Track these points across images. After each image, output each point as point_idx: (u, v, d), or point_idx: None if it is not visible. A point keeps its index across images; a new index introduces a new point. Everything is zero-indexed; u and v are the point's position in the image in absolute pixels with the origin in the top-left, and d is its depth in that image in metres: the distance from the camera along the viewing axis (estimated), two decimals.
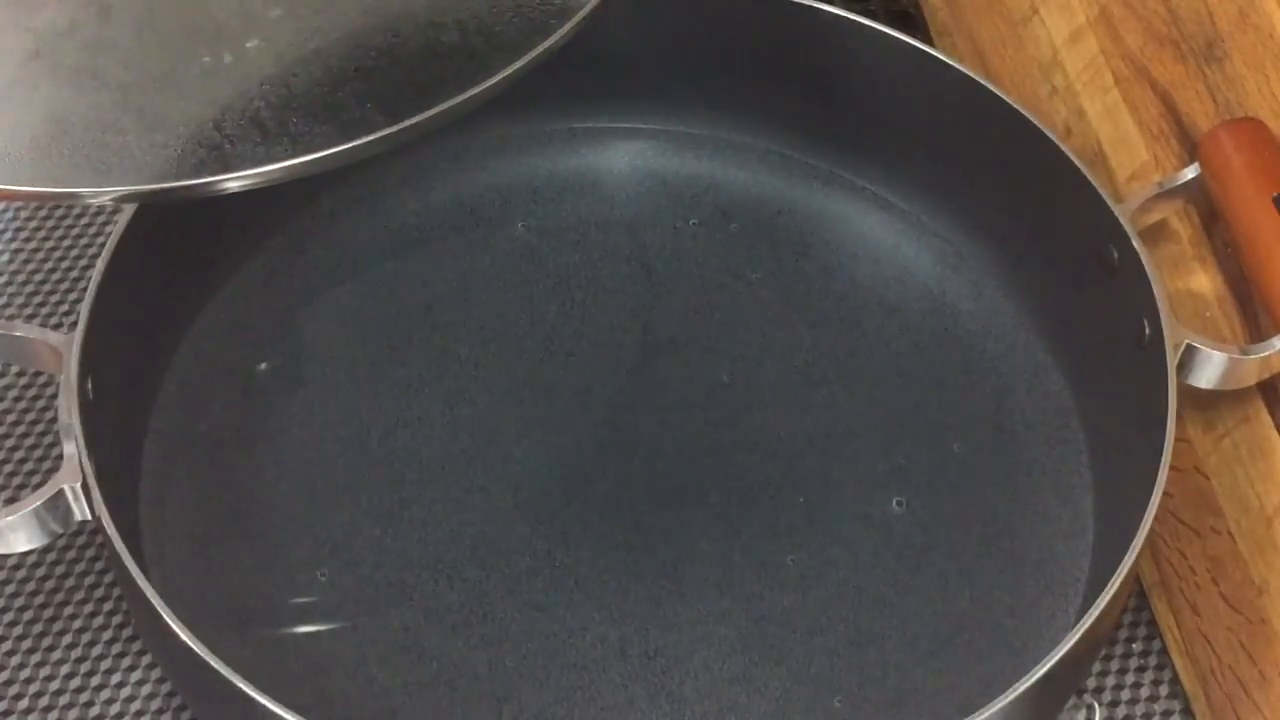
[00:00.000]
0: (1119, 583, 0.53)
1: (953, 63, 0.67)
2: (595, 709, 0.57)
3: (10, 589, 0.63)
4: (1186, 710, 0.61)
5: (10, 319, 0.70)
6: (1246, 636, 0.58)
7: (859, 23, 0.68)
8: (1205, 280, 0.63)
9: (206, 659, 0.49)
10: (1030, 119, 0.64)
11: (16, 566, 0.63)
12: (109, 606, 0.62)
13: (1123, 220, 0.60)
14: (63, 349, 0.56)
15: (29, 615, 0.62)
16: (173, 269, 0.64)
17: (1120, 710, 0.61)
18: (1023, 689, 0.50)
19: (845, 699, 0.57)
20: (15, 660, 0.61)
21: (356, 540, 0.60)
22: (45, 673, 0.60)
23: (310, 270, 0.69)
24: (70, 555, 0.63)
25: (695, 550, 0.61)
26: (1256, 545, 0.58)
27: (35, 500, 0.53)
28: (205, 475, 0.62)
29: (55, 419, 0.64)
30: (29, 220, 0.74)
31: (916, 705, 0.57)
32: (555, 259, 0.69)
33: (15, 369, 0.68)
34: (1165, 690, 0.61)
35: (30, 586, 0.63)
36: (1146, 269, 0.59)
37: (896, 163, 0.71)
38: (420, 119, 0.53)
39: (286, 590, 0.59)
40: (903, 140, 0.70)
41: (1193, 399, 0.61)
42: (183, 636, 0.50)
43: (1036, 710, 0.52)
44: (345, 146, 0.52)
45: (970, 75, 0.66)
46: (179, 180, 0.52)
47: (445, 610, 0.59)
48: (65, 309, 0.71)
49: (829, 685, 0.58)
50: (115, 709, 0.60)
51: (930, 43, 0.73)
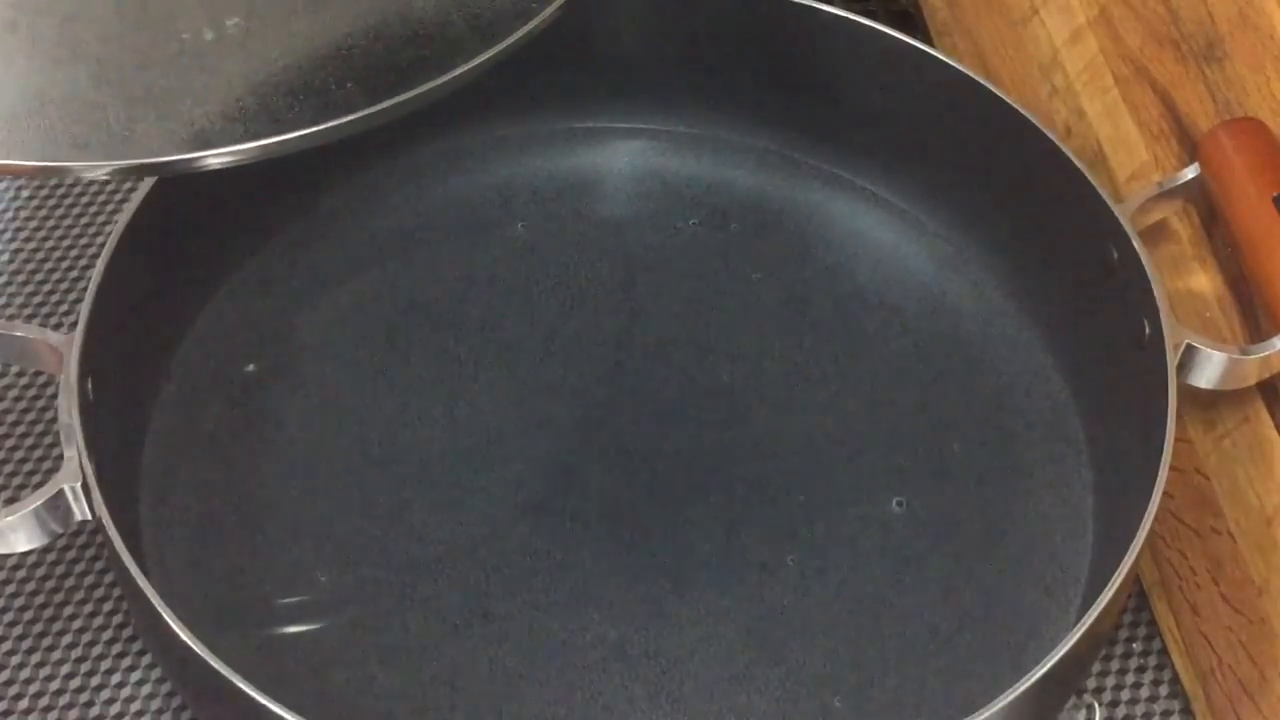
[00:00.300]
0: (1119, 583, 0.53)
1: (953, 63, 0.67)
2: (595, 709, 0.57)
3: (10, 589, 0.63)
4: (1186, 710, 0.61)
5: (10, 319, 0.70)
6: (1246, 636, 0.58)
7: (859, 23, 0.68)
8: (1205, 280, 0.63)
9: (206, 659, 0.49)
10: (1030, 119, 0.64)
11: (16, 566, 0.63)
12: (109, 606, 0.62)
13: (1123, 220, 0.60)
14: (63, 349, 0.56)
15: (29, 615, 0.62)
16: (173, 269, 0.64)
17: (1120, 710, 0.61)
18: (1023, 689, 0.50)
19: (845, 699, 0.57)
20: (15, 660, 0.61)
21: (356, 540, 0.60)
22: (45, 673, 0.60)
23: (310, 270, 0.68)
24: (70, 555, 0.63)
25: (695, 550, 0.61)
26: (1256, 545, 0.58)
27: (35, 500, 0.53)
28: (205, 475, 0.62)
29: (55, 419, 0.64)
30: (29, 220, 0.74)
31: (916, 705, 0.57)
32: (555, 259, 0.69)
33: (15, 369, 0.68)
34: (1165, 690, 0.61)
35: (30, 586, 0.63)
36: (1146, 269, 0.59)
37: (896, 163, 0.71)
38: (400, 99, 0.52)
39: (286, 590, 0.59)
40: (903, 140, 0.70)
41: (1193, 399, 0.61)
42: (183, 636, 0.50)
43: (1036, 710, 0.52)
44: (324, 126, 0.52)
45: (970, 75, 0.66)
46: (156, 157, 0.51)
47: (445, 610, 0.59)
48: (65, 309, 0.71)
49: (829, 685, 0.58)
50: (115, 709, 0.60)
51: (930, 43, 0.73)
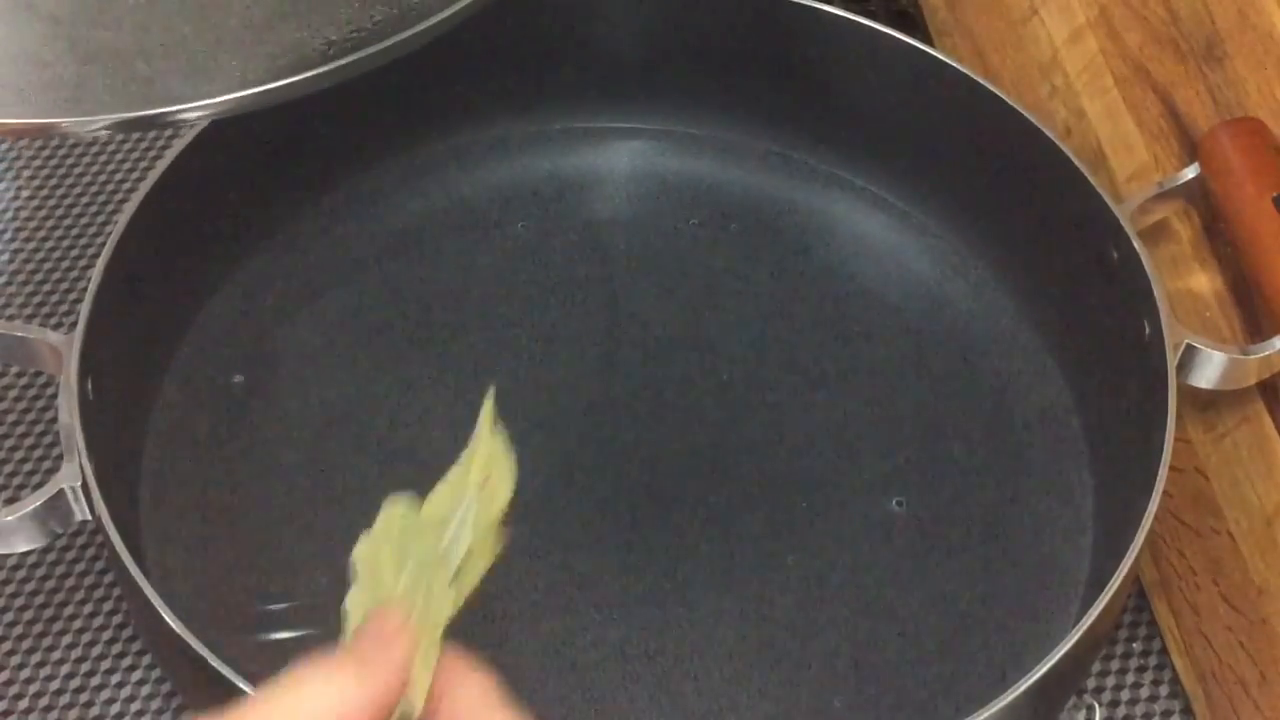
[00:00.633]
0: (1119, 583, 0.53)
1: (953, 63, 0.67)
2: (595, 709, 0.57)
3: (10, 589, 0.63)
4: (1186, 710, 0.61)
5: (10, 319, 0.70)
6: (1246, 636, 0.58)
7: (859, 23, 0.68)
8: (1205, 280, 0.63)
9: (206, 659, 0.49)
10: (1030, 119, 0.64)
11: (16, 566, 0.63)
12: (109, 606, 0.62)
13: (1123, 220, 0.60)
14: (63, 349, 0.56)
15: (29, 615, 0.62)
16: (172, 269, 0.64)
17: (1120, 710, 0.61)
18: (1023, 689, 0.50)
19: (845, 699, 0.57)
20: (15, 660, 0.61)
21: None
22: (45, 673, 0.60)
23: (310, 270, 0.68)
24: (70, 555, 0.63)
25: (695, 550, 0.61)
26: (1256, 545, 0.58)
27: (35, 500, 0.53)
28: (205, 475, 0.62)
29: (55, 419, 0.64)
30: (29, 220, 0.74)
31: (917, 705, 0.57)
32: (555, 259, 0.69)
33: (15, 369, 0.68)
34: (1165, 690, 0.61)
35: (30, 586, 0.63)
36: (1146, 269, 0.59)
37: (896, 163, 0.71)
38: (356, 57, 0.51)
39: (286, 591, 0.59)
40: (903, 140, 0.70)
41: (1193, 399, 0.61)
42: (183, 636, 0.50)
43: (1036, 710, 0.52)
44: (281, 83, 0.50)
45: (970, 75, 0.66)
46: (109, 114, 0.50)
47: None
48: (65, 309, 0.71)
49: (829, 685, 0.58)
50: (115, 709, 0.60)
51: (930, 43, 0.73)
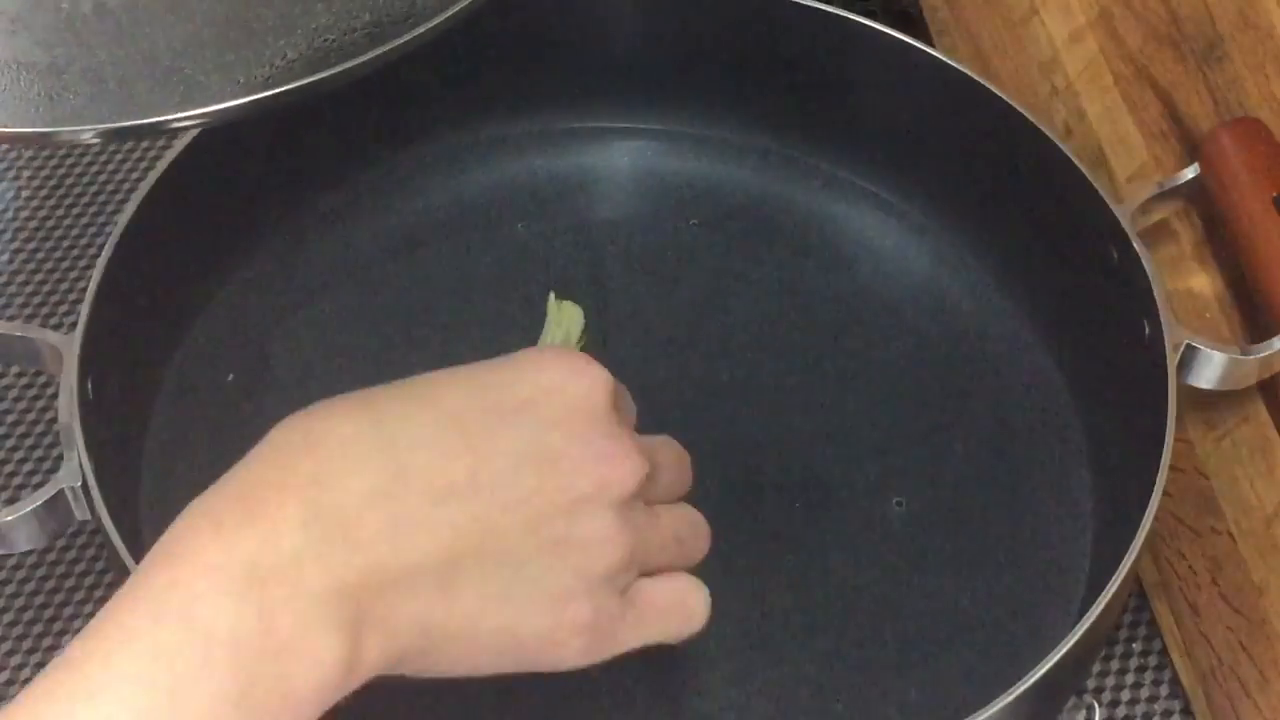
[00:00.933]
0: (1119, 583, 0.53)
1: (953, 63, 0.67)
2: (595, 709, 0.57)
3: (10, 589, 0.63)
4: (1186, 710, 0.61)
5: (10, 319, 0.70)
6: (1246, 636, 0.58)
7: (859, 23, 0.68)
8: (1205, 280, 0.63)
9: None
10: (1030, 119, 0.64)
11: (16, 566, 0.63)
12: None
13: (1123, 221, 0.60)
14: (63, 349, 0.56)
15: (29, 615, 0.62)
16: (173, 269, 0.64)
17: (1120, 710, 0.61)
18: (1023, 689, 0.50)
19: (845, 700, 0.57)
20: (15, 660, 0.61)
21: None
22: None
23: (310, 270, 0.68)
24: (70, 555, 0.63)
25: None
26: (1256, 545, 0.58)
27: (35, 500, 0.53)
28: (205, 476, 0.62)
29: (55, 419, 0.64)
30: (29, 220, 0.74)
31: (917, 705, 0.57)
32: (555, 259, 0.69)
33: (15, 369, 0.68)
34: (1165, 690, 0.61)
35: (30, 586, 0.63)
36: (1146, 269, 0.59)
37: (896, 163, 0.71)
38: (340, 69, 0.50)
39: None
40: (903, 140, 0.70)
41: (1193, 399, 0.61)
42: None
43: (1036, 710, 0.52)
44: (275, 91, 0.49)
45: (970, 75, 0.66)
46: (100, 123, 0.48)
47: None
48: (65, 309, 0.71)
49: (829, 685, 0.58)
50: None
51: (930, 43, 0.73)
